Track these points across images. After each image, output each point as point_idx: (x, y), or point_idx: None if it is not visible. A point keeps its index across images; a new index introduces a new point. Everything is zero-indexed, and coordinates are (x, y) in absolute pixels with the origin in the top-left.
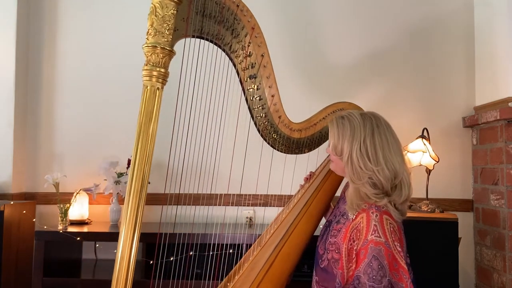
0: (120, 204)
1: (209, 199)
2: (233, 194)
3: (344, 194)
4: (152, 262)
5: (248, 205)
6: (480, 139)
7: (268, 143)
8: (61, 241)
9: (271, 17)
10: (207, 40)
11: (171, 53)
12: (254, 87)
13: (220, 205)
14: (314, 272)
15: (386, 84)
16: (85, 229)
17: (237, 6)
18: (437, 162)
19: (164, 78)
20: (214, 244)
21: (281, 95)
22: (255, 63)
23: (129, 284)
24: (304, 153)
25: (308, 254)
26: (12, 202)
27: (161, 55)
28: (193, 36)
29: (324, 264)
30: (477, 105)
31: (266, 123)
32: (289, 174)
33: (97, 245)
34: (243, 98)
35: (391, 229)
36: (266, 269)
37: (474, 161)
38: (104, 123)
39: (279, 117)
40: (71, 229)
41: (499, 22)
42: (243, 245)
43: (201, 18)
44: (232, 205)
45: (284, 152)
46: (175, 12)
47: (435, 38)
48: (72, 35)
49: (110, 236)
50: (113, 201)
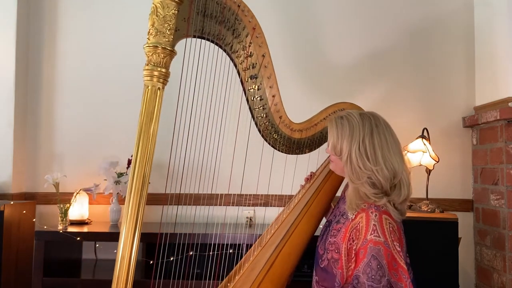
0: (120, 204)
1: (210, 199)
2: (234, 194)
3: (344, 194)
4: (152, 262)
5: (249, 205)
6: (480, 139)
7: (269, 143)
8: (61, 241)
9: (272, 17)
10: (208, 40)
11: (172, 53)
12: (255, 88)
13: (221, 205)
14: (314, 272)
15: (386, 84)
16: (85, 229)
17: (238, 6)
18: (437, 162)
19: (165, 78)
20: (215, 244)
21: (282, 95)
22: (256, 64)
23: (130, 284)
24: (305, 154)
25: (308, 254)
26: (12, 202)
27: (162, 55)
28: (194, 36)
29: (324, 264)
30: (477, 105)
31: (267, 123)
32: (290, 174)
33: (97, 245)
34: (244, 99)
35: (390, 229)
36: (267, 269)
37: (474, 161)
38: (104, 123)
39: (280, 117)
40: (71, 229)
41: (499, 22)
42: (244, 245)
43: (202, 18)
44: (233, 205)
45: (285, 153)
46: (176, 12)
47: (435, 38)
48: (72, 35)
49: (110, 236)
50: (113, 201)
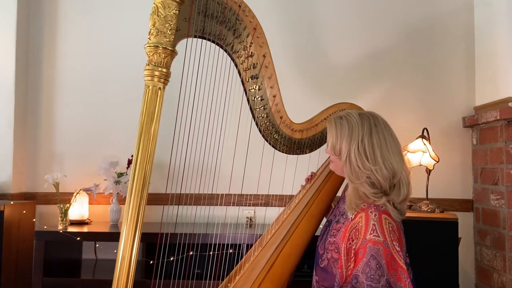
0: (120, 204)
1: (210, 199)
2: (234, 194)
3: (345, 194)
4: (152, 262)
5: (249, 205)
6: (480, 139)
7: (270, 144)
8: (61, 241)
9: (273, 18)
10: (209, 40)
11: (173, 53)
12: (256, 88)
13: (221, 205)
14: (314, 272)
15: (386, 84)
16: (85, 229)
17: (239, 7)
18: (437, 162)
19: (166, 78)
20: (215, 244)
21: (283, 96)
22: (257, 64)
23: (130, 284)
24: (306, 154)
25: (308, 254)
26: (12, 202)
27: (163, 55)
28: (195, 36)
29: (324, 264)
30: (477, 105)
31: (268, 124)
32: (290, 175)
33: (97, 245)
34: (245, 99)
35: (390, 229)
36: (267, 269)
37: (474, 161)
38: (104, 123)
39: (281, 118)
40: (71, 229)
41: (499, 22)
42: (244, 246)
43: (203, 18)
44: (233, 205)
45: (286, 153)
46: (177, 12)
47: (435, 38)
48: (72, 35)
49: (110, 236)
50: (113, 201)
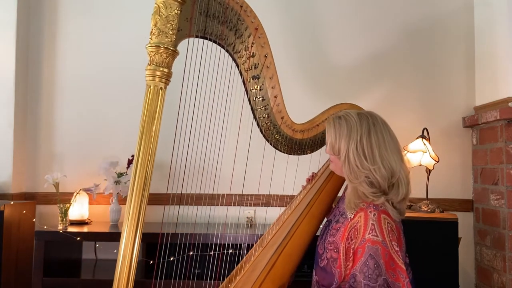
0: (120, 204)
1: (211, 199)
2: (235, 194)
3: (345, 194)
4: (152, 262)
5: (250, 205)
6: (480, 139)
7: (271, 144)
8: (61, 241)
9: (275, 18)
10: (211, 41)
11: (175, 53)
12: (257, 88)
13: (222, 205)
14: (314, 272)
15: (387, 84)
16: (85, 229)
17: (241, 7)
18: (437, 162)
19: (167, 78)
20: (216, 244)
21: (284, 96)
22: (258, 64)
23: (131, 283)
24: (307, 154)
25: (308, 254)
26: (12, 202)
27: (165, 55)
28: (197, 36)
29: (324, 264)
30: (477, 105)
31: (269, 124)
32: (291, 175)
33: (97, 245)
34: (246, 99)
35: (389, 229)
36: (268, 270)
37: (474, 161)
38: (104, 123)
39: (282, 118)
40: (71, 229)
41: (499, 22)
42: (245, 245)
43: (205, 18)
44: (234, 205)
45: (286, 153)
46: (179, 12)
47: (435, 38)
48: (72, 35)
49: (110, 236)
50: (113, 201)
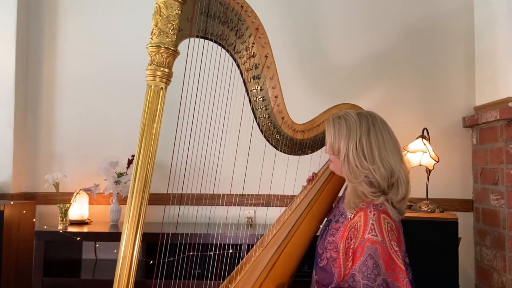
0: (120, 204)
1: (212, 199)
2: (236, 194)
3: (345, 194)
4: (152, 262)
5: (251, 205)
6: (480, 139)
7: (271, 144)
8: (61, 241)
9: (275, 18)
10: (211, 41)
11: (175, 53)
12: (258, 88)
13: (223, 205)
14: (314, 272)
15: (387, 84)
16: (85, 229)
17: (242, 7)
18: (437, 162)
19: (168, 78)
20: (216, 244)
21: (285, 96)
22: (259, 64)
23: (131, 284)
24: (307, 154)
25: (308, 254)
26: (12, 202)
27: (165, 55)
28: (197, 36)
29: (323, 263)
30: (477, 105)
31: (269, 124)
32: (292, 175)
33: (97, 245)
34: (247, 99)
35: (389, 228)
36: (268, 270)
37: (474, 161)
38: (104, 123)
39: (282, 118)
40: (71, 229)
41: (499, 22)
42: (245, 246)
43: (206, 19)
44: (235, 205)
45: (287, 153)
46: (180, 12)
47: (435, 38)
48: (72, 35)
49: (110, 236)
50: (113, 201)
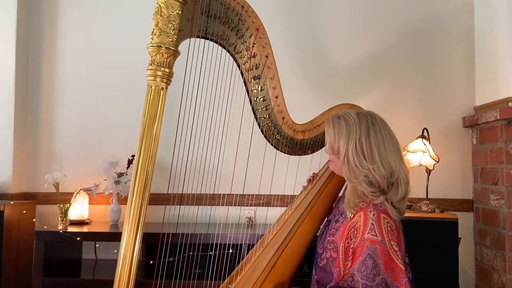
0: (120, 204)
1: (212, 199)
2: (236, 194)
3: (345, 194)
4: (152, 262)
5: (251, 205)
6: (480, 139)
7: (272, 144)
8: (61, 241)
9: (276, 18)
10: (212, 41)
11: (176, 53)
12: (258, 88)
13: (223, 205)
14: (314, 272)
15: (387, 84)
16: (85, 229)
17: (242, 7)
18: (437, 162)
19: (169, 78)
20: (217, 244)
21: (285, 96)
22: (259, 64)
23: (131, 284)
24: (307, 155)
25: (308, 254)
26: (12, 202)
27: (166, 55)
28: (198, 37)
29: (323, 263)
30: (477, 105)
31: (270, 124)
32: (292, 175)
33: (97, 245)
34: (247, 99)
35: (388, 228)
36: (269, 270)
37: (474, 161)
38: (104, 123)
39: (283, 118)
40: (71, 229)
41: (499, 22)
42: (246, 246)
43: (206, 19)
44: (235, 205)
45: (287, 153)
46: (180, 12)
47: (435, 38)
48: (72, 35)
49: (110, 236)
50: (113, 201)
